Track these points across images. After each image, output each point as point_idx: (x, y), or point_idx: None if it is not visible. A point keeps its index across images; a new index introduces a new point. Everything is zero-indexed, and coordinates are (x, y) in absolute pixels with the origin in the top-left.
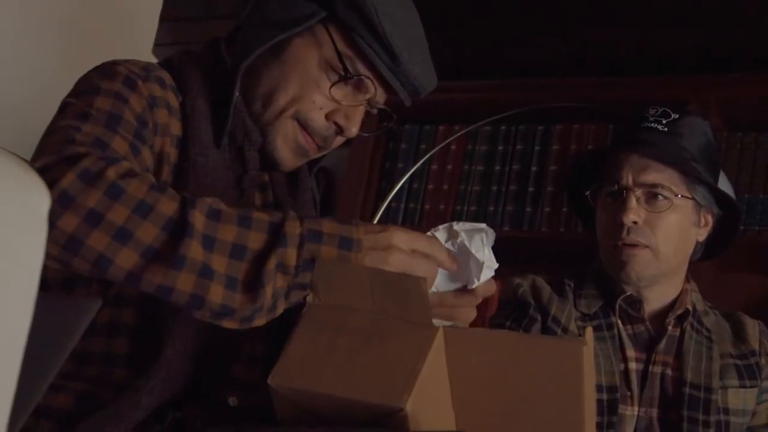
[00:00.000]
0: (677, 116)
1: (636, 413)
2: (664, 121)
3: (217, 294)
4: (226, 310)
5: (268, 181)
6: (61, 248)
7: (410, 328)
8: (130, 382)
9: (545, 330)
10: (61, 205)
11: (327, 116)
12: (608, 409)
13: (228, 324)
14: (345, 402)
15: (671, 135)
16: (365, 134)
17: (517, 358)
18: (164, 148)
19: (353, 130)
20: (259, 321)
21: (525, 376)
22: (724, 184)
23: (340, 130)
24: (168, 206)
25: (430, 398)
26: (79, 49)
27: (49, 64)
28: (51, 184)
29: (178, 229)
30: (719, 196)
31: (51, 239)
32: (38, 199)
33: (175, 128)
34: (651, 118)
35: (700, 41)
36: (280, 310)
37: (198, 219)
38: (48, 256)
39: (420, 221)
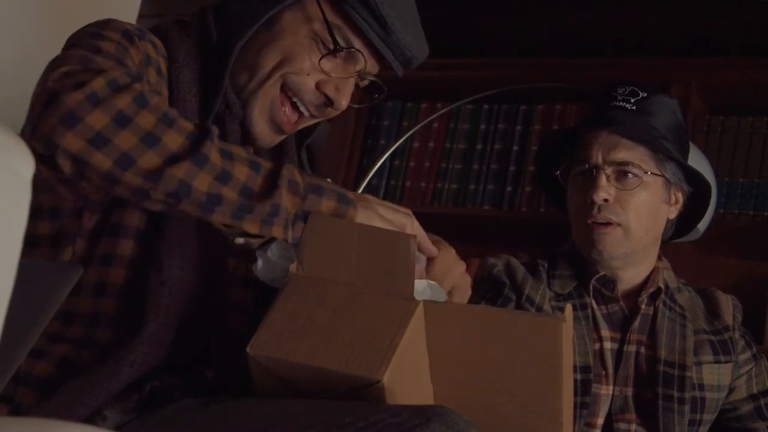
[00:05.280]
0: (645, 95)
1: (611, 392)
2: (632, 100)
3: (233, 194)
4: (245, 206)
5: None
6: (86, 142)
7: (390, 301)
8: (113, 344)
9: (519, 309)
10: (91, 103)
11: (317, 86)
12: (581, 389)
13: (248, 225)
14: (323, 373)
15: (640, 113)
16: (355, 105)
17: (496, 334)
18: None
19: (343, 102)
20: (277, 229)
21: (504, 352)
22: (699, 161)
23: (329, 102)
24: (187, 124)
25: (408, 371)
26: (60, 16)
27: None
28: (79, 86)
29: (201, 137)
30: (689, 174)
31: (75, 133)
32: (22, 163)
33: (166, 93)
34: (619, 97)
35: (682, 24)
36: (291, 232)
37: (215, 134)
38: (65, 152)
39: (401, 198)
